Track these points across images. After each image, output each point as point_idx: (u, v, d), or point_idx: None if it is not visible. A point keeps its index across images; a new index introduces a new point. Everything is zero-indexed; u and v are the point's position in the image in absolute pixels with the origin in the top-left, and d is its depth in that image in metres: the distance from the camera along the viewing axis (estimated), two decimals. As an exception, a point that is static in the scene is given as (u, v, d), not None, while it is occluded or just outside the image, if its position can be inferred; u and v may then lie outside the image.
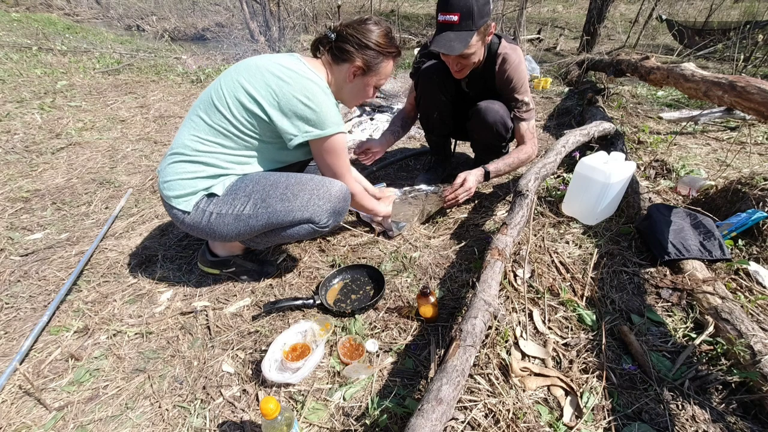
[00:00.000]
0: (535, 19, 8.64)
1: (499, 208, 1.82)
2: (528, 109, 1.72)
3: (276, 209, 1.19)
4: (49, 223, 1.82)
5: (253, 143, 1.21)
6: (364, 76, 1.27)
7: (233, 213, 1.19)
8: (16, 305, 1.36)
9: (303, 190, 1.21)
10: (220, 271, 1.43)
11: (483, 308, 1.00)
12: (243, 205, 1.19)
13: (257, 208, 1.19)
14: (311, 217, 1.21)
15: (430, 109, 1.88)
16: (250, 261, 1.45)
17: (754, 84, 1.37)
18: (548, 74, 4.35)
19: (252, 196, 1.19)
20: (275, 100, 1.14)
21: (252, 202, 1.19)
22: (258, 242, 1.33)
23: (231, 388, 1.07)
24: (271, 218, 1.20)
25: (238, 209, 1.19)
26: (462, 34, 1.43)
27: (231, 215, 1.20)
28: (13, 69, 4.00)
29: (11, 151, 2.48)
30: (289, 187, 1.21)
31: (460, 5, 1.39)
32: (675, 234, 1.37)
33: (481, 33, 1.46)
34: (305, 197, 1.20)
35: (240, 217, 1.19)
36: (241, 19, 5.96)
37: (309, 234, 1.28)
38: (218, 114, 1.17)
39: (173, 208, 1.21)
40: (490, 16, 1.45)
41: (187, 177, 1.19)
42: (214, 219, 1.20)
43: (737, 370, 0.97)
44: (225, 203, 1.19)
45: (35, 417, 1.01)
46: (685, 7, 8.74)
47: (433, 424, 0.72)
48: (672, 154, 2.25)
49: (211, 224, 1.21)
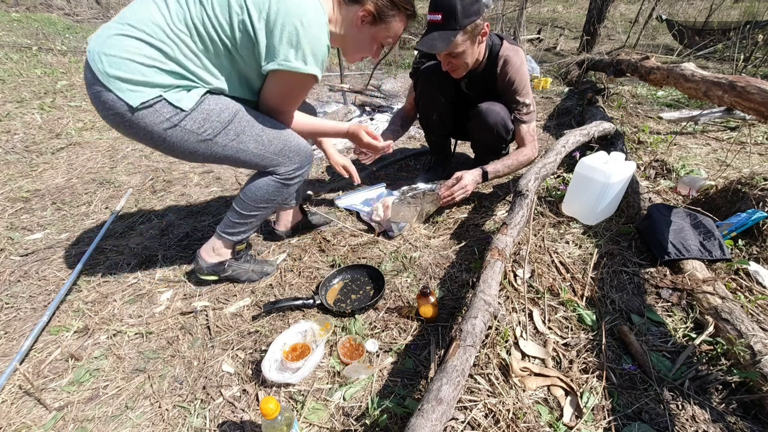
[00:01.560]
0: (535, 19, 8.64)
1: (499, 208, 1.82)
2: (528, 111, 1.72)
3: (248, 148, 1.14)
4: (49, 223, 1.82)
5: (226, 54, 1.05)
6: (372, 26, 1.18)
7: (200, 135, 1.08)
8: (16, 305, 1.36)
9: (278, 138, 1.17)
10: (219, 277, 1.41)
11: (483, 308, 1.00)
12: (214, 132, 1.09)
13: (229, 140, 1.11)
14: (278, 167, 1.19)
15: (429, 110, 1.88)
16: (245, 262, 1.43)
17: (754, 84, 1.37)
18: (548, 74, 4.35)
19: (227, 127, 1.10)
20: (266, 12, 0.99)
21: (225, 133, 1.10)
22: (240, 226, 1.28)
23: (231, 388, 1.07)
24: (239, 155, 1.14)
25: (207, 134, 1.08)
26: (445, 33, 1.43)
27: (196, 135, 1.08)
28: (13, 69, 4.00)
29: (11, 151, 2.48)
30: (265, 130, 1.15)
31: (443, 5, 1.40)
32: (675, 234, 1.37)
33: (468, 32, 1.45)
34: (279, 145, 1.17)
35: (206, 142, 1.10)
36: (241, 19, 5.96)
37: (271, 193, 1.24)
38: (198, 5, 1.00)
39: (112, 92, 0.97)
40: (479, 16, 1.43)
41: (143, 62, 0.97)
42: (173, 132, 1.05)
43: (737, 370, 0.97)
44: (194, 121, 1.06)
45: (35, 417, 1.01)
46: (685, 7, 8.74)
47: (433, 424, 0.72)
48: (672, 154, 2.25)
49: (167, 135, 1.05)
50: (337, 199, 1.93)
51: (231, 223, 1.30)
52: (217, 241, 1.34)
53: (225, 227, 1.32)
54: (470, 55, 1.55)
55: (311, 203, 1.93)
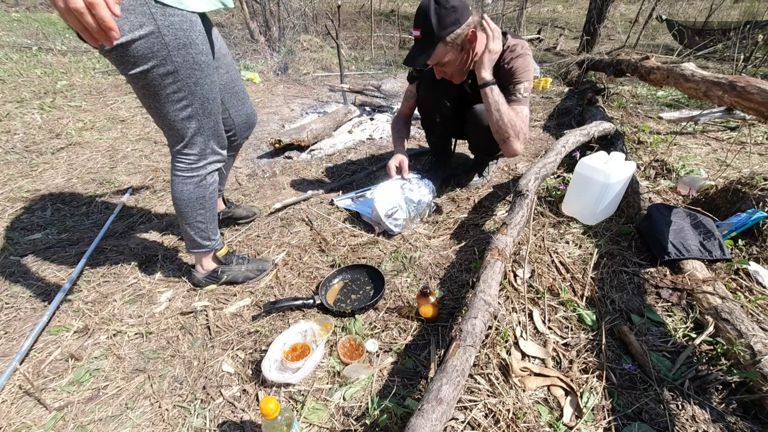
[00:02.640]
0: (535, 19, 8.64)
1: (499, 208, 1.82)
2: (522, 95, 1.60)
3: (192, 103, 1.08)
4: (49, 223, 1.82)
5: None
6: None
7: (169, 54, 0.98)
8: (16, 305, 1.36)
9: (208, 119, 1.14)
10: (218, 284, 1.41)
11: (483, 308, 1.00)
12: (183, 61, 1.00)
13: (188, 81, 1.04)
14: (183, 147, 1.15)
15: (432, 112, 1.88)
16: (237, 264, 1.43)
17: (754, 84, 1.37)
18: (548, 74, 4.35)
19: (197, 69, 1.04)
20: None
21: (191, 73, 1.03)
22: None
23: (231, 388, 1.07)
24: (181, 98, 1.07)
25: (176, 59, 0.99)
26: (425, 47, 1.47)
27: (164, 50, 0.97)
28: (13, 69, 4.00)
29: (11, 151, 2.48)
30: (216, 98, 1.12)
31: (420, 22, 1.44)
32: (675, 234, 1.37)
33: (449, 43, 1.45)
34: (212, 121, 1.14)
35: (170, 62, 0.99)
36: (241, 19, 5.95)
37: (192, 192, 1.21)
38: None
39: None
40: (458, 25, 1.42)
41: None
42: (146, 30, 0.93)
43: (737, 370, 0.97)
44: (174, 33, 0.96)
45: (35, 417, 1.01)
46: (685, 7, 8.74)
47: (433, 424, 0.72)
48: (672, 154, 2.25)
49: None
50: (336, 199, 1.93)
51: (187, 236, 1.32)
52: (196, 258, 1.39)
53: (188, 244, 1.35)
54: (461, 63, 1.55)
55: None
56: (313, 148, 2.66)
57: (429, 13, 1.40)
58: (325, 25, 5.87)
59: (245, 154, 2.60)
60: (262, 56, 5.35)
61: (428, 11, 1.40)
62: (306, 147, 2.60)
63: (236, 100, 1.35)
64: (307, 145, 2.59)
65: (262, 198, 2.04)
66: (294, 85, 4.29)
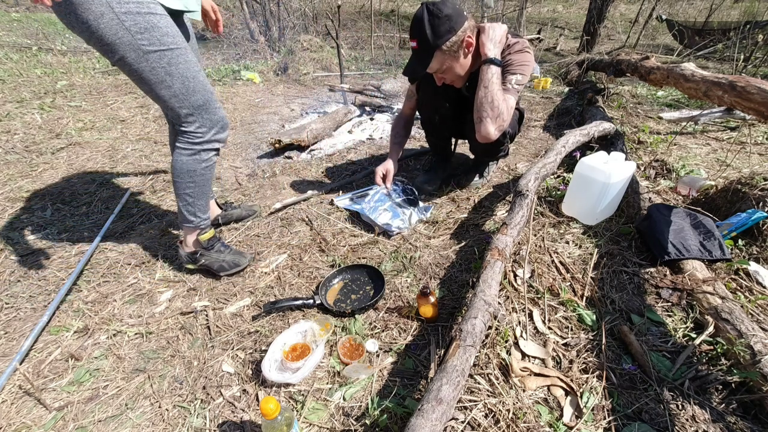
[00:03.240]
0: (535, 19, 8.64)
1: (499, 208, 1.82)
2: (511, 86, 1.54)
3: (174, 84, 1.15)
4: (49, 223, 1.82)
5: None
6: None
7: (135, 39, 1.04)
8: (16, 305, 1.36)
9: (203, 93, 1.21)
10: (196, 266, 1.45)
11: (483, 308, 1.00)
12: (151, 48, 1.07)
13: (159, 66, 1.11)
14: (189, 121, 1.22)
15: (431, 113, 1.88)
16: (217, 252, 1.46)
17: (754, 84, 1.37)
18: (548, 74, 4.35)
19: (164, 51, 1.09)
20: None
21: (160, 55, 1.09)
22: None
23: (231, 388, 1.07)
24: (161, 87, 1.14)
25: (143, 44, 1.06)
26: (422, 57, 1.48)
27: (131, 37, 1.04)
28: (13, 69, 4.00)
29: (11, 151, 2.48)
30: (197, 79, 1.19)
31: (415, 32, 1.45)
32: (675, 234, 1.37)
33: (445, 51, 1.46)
34: (200, 100, 1.20)
35: (138, 51, 1.06)
36: (241, 19, 5.96)
37: (187, 163, 1.28)
38: None
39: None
40: (453, 33, 1.43)
41: None
42: (110, 22, 1.00)
43: (737, 370, 0.97)
44: (135, 22, 1.03)
45: (35, 417, 1.01)
46: (685, 7, 8.74)
47: (433, 424, 0.72)
48: (672, 154, 2.25)
49: (101, 24, 1.00)
50: (336, 199, 1.93)
51: (178, 209, 1.39)
52: (184, 233, 1.44)
53: (179, 217, 1.41)
54: (459, 67, 1.56)
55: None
56: (313, 148, 2.66)
57: (423, 24, 1.41)
58: (325, 25, 5.87)
59: (245, 154, 2.60)
60: (262, 56, 5.35)
61: (422, 22, 1.41)
62: (306, 147, 2.60)
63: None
64: (307, 145, 2.59)
65: (262, 198, 2.04)
66: (294, 85, 4.30)
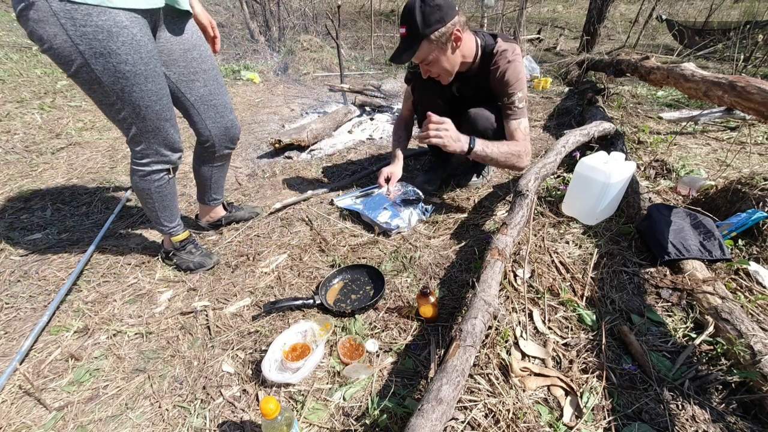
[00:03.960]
0: (535, 19, 8.63)
1: (499, 208, 1.82)
2: (518, 108, 1.62)
3: (123, 108, 1.11)
4: (49, 223, 1.82)
5: None
6: None
7: (87, 62, 1.00)
8: (16, 305, 1.36)
9: (153, 121, 1.17)
10: (172, 263, 1.53)
11: (483, 308, 1.00)
12: (104, 69, 1.03)
13: (114, 87, 1.06)
14: (133, 144, 1.21)
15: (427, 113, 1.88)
16: (188, 253, 1.51)
17: (754, 84, 1.37)
18: (548, 74, 4.35)
19: (121, 77, 1.05)
20: None
21: (115, 81, 1.05)
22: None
23: (231, 388, 1.07)
24: (112, 102, 1.10)
25: (95, 66, 1.01)
26: (410, 44, 1.47)
27: (80, 58, 1.00)
28: (13, 69, 3.99)
29: (11, 151, 2.48)
30: (149, 108, 1.14)
31: (405, 18, 1.45)
32: (675, 234, 1.37)
33: (433, 41, 1.45)
34: (149, 126, 1.17)
35: (90, 70, 1.02)
36: (241, 19, 5.95)
37: (132, 181, 1.30)
38: None
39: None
40: (443, 23, 1.43)
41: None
42: (60, 40, 0.97)
43: (737, 370, 0.97)
44: (88, 43, 0.98)
45: (35, 417, 1.01)
46: (685, 7, 8.74)
47: (433, 424, 0.72)
48: (672, 154, 2.25)
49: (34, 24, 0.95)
50: (336, 199, 1.93)
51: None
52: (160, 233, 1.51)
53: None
54: (447, 62, 1.55)
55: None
56: (313, 148, 2.66)
57: (414, 11, 1.41)
58: (325, 25, 5.87)
59: (245, 154, 2.60)
60: (262, 56, 5.35)
61: (413, 9, 1.41)
62: (306, 147, 2.60)
63: (213, 113, 1.39)
64: (307, 145, 2.59)
65: (262, 198, 2.04)
66: (294, 85, 4.30)
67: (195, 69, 1.28)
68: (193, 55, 1.26)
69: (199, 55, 1.28)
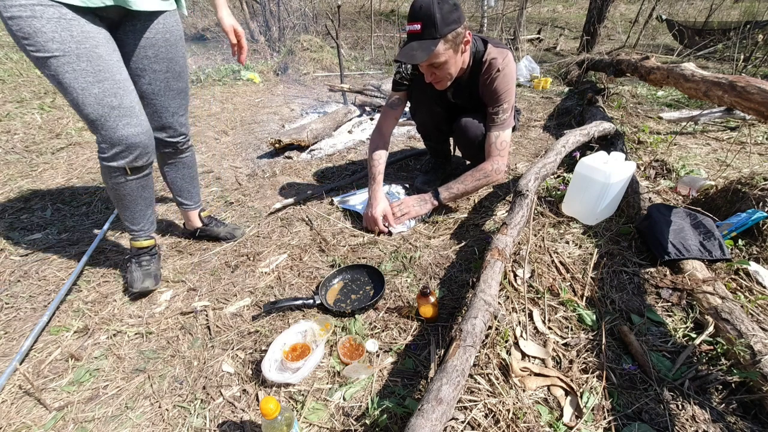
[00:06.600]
0: (535, 19, 8.64)
1: (499, 208, 1.82)
2: (502, 119, 1.60)
3: (65, 93, 1.08)
4: (49, 223, 1.82)
5: None
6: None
7: (21, 44, 1.01)
8: (16, 305, 1.37)
9: (100, 104, 1.11)
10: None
11: (483, 308, 1.00)
12: (36, 50, 1.01)
13: (49, 69, 1.04)
14: (96, 133, 1.15)
15: (426, 120, 1.88)
16: (137, 267, 1.40)
17: (754, 84, 1.37)
18: (548, 74, 4.35)
19: (51, 57, 1.02)
20: None
21: (47, 62, 1.03)
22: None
23: (231, 388, 1.07)
24: (67, 96, 1.08)
25: (29, 48, 1.01)
26: (425, 42, 1.37)
27: (17, 40, 1.01)
28: (13, 69, 4.00)
29: (11, 151, 2.48)
30: (88, 93, 1.09)
31: (421, 14, 1.34)
32: (675, 234, 1.37)
33: (449, 41, 1.39)
34: (99, 111, 1.11)
35: (27, 52, 1.02)
36: (241, 19, 5.98)
37: (102, 173, 1.24)
38: None
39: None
40: (460, 24, 1.38)
41: None
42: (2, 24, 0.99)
43: (737, 370, 0.97)
44: (17, 24, 0.98)
45: (35, 417, 1.01)
46: (685, 7, 8.74)
47: (433, 424, 0.72)
48: (672, 154, 2.25)
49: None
50: (336, 199, 1.93)
51: None
52: None
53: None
54: (453, 65, 1.48)
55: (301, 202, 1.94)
56: (313, 148, 2.66)
57: (432, 8, 1.32)
58: (325, 25, 5.88)
59: (245, 153, 2.60)
60: (262, 56, 5.35)
61: (431, 6, 1.32)
62: (306, 147, 2.60)
63: (151, 111, 1.33)
64: (307, 145, 2.59)
65: (262, 198, 2.04)
66: (294, 85, 4.30)
67: (144, 66, 1.24)
68: (147, 53, 1.23)
69: (154, 55, 1.24)
